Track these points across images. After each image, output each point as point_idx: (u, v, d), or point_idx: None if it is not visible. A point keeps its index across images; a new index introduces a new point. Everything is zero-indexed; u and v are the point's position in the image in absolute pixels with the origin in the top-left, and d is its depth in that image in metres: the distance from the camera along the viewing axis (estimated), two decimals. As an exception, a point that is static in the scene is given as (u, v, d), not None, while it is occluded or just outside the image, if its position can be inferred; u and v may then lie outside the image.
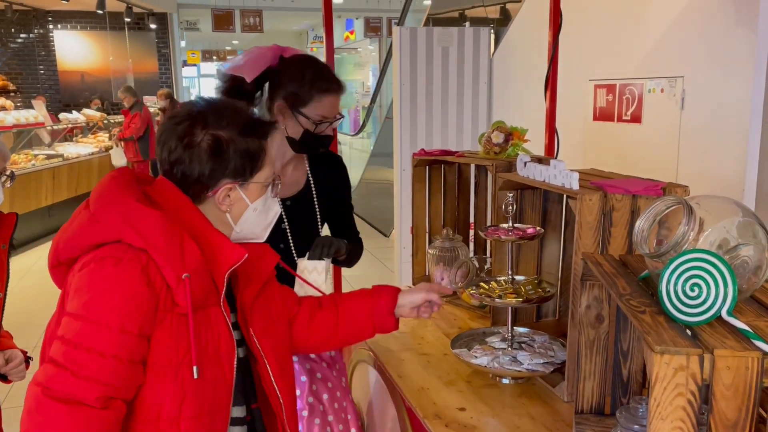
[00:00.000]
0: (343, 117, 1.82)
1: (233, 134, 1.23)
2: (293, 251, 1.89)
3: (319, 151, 1.84)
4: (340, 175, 1.99)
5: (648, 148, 3.55)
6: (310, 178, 1.90)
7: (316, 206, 1.89)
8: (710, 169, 3.13)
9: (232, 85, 1.74)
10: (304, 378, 1.85)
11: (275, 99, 1.75)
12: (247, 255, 1.24)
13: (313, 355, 1.88)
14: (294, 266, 1.86)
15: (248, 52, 1.77)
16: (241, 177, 1.26)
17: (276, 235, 1.83)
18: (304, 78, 1.73)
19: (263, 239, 1.38)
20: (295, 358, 1.81)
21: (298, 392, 1.79)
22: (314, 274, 1.74)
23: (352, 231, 2.06)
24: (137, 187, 1.24)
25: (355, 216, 2.15)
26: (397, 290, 1.57)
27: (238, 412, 1.32)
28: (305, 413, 1.81)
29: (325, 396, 1.86)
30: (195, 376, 1.16)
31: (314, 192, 1.90)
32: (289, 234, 1.87)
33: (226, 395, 1.24)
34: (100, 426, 1.08)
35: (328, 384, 1.90)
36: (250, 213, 1.30)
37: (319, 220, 1.91)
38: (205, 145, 1.22)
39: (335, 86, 1.76)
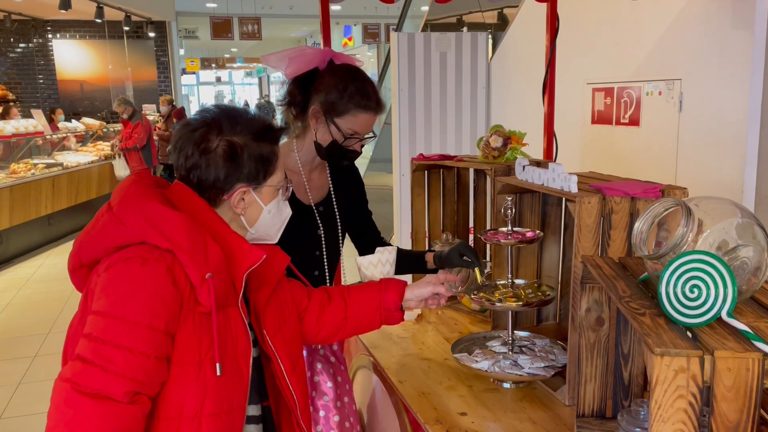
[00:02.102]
0: (375, 136, 1.81)
1: (247, 139, 1.28)
2: (324, 258, 1.88)
3: (342, 163, 1.84)
4: (356, 183, 2.00)
5: (646, 150, 3.55)
6: (331, 185, 1.90)
7: (337, 213, 1.89)
8: (709, 172, 3.13)
9: (291, 89, 1.77)
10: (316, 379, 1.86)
11: (313, 101, 1.74)
12: (265, 256, 1.28)
13: (322, 351, 1.89)
14: (327, 272, 1.88)
15: (294, 50, 1.76)
16: (255, 181, 1.31)
17: (312, 243, 1.84)
18: (347, 90, 1.71)
19: (275, 240, 1.42)
20: (319, 365, 1.84)
21: (313, 393, 1.81)
22: (379, 267, 1.79)
23: (378, 237, 2.06)
24: (158, 190, 1.27)
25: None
26: (404, 284, 1.61)
27: (253, 410, 1.36)
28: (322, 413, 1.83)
29: (335, 390, 1.87)
30: (218, 373, 1.20)
31: (334, 199, 1.90)
32: (323, 240, 1.87)
33: (243, 394, 1.28)
34: (128, 420, 1.10)
35: (337, 378, 1.91)
36: (265, 215, 1.35)
37: (340, 227, 1.90)
38: (220, 151, 1.26)
39: (374, 105, 1.75)
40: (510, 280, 1.89)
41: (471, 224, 2.58)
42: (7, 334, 4.72)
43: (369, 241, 2.03)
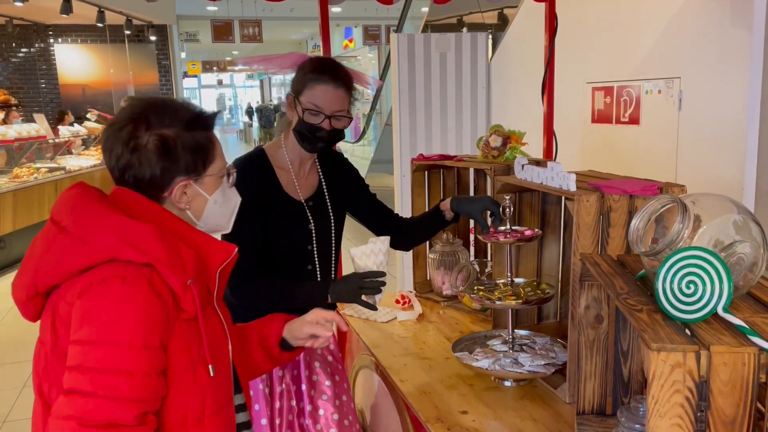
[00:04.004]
0: (350, 117, 1.80)
1: (178, 130, 1.22)
2: (315, 253, 1.88)
3: (317, 147, 1.80)
4: (350, 174, 2.00)
5: (647, 149, 3.55)
6: (322, 179, 1.91)
7: (329, 207, 1.90)
8: (709, 170, 3.13)
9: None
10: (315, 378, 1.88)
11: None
12: (237, 248, 1.25)
13: (319, 350, 1.90)
14: (318, 267, 1.88)
15: (282, 55, 1.82)
16: (194, 172, 1.25)
17: (304, 238, 1.85)
18: (305, 67, 1.76)
19: (229, 229, 1.37)
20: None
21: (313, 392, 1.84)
22: (372, 258, 1.71)
23: (388, 211, 2.06)
24: (110, 200, 1.20)
25: (357, 224, 2.15)
26: (285, 319, 1.51)
27: (238, 399, 1.37)
28: (336, 416, 1.84)
29: (333, 389, 1.89)
30: (212, 374, 1.19)
31: (326, 193, 1.90)
32: (314, 235, 1.87)
33: (230, 387, 1.28)
34: None
35: (335, 377, 1.92)
36: (211, 206, 1.29)
37: (333, 221, 1.90)
38: (152, 146, 1.20)
39: (327, 77, 1.74)
40: (510, 279, 1.90)
41: (471, 224, 2.59)
42: (11, 338, 4.74)
43: (385, 221, 2.04)
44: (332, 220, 1.90)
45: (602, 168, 2.01)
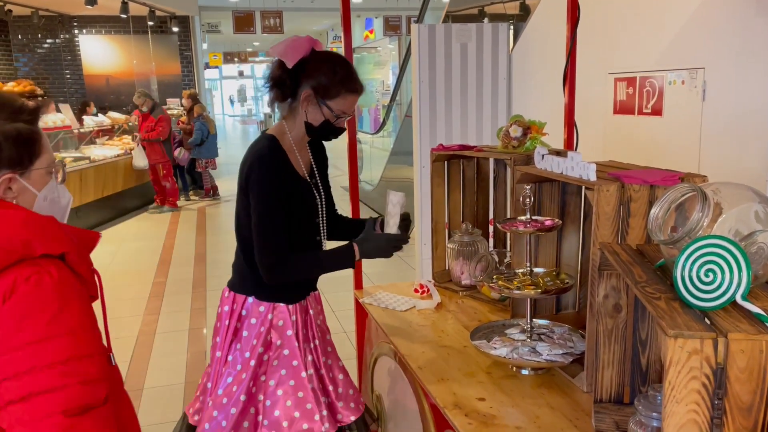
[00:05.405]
0: (352, 115, 2.00)
1: (0, 122, 1.16)
2: (321, 224, 2.02)
3: (329, 139, 2.00)
4: (325, 155, 2.13)
5: (669, 140, 3.52)
6: (312, 160, 2.04)
7: (320, 183, 2.03)
8: (733, 161, 3.10)
9: (278, 74, 1.88)
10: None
11: (303, 86, 1.87)
12: (101, 235, 1.27)
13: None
14: (322, 238, 2.04)
15: (289, 40, 1.90)
16: (20, 166, 1.19)
17: (313, 211, 1.99)
18: (336, 74, 1.87)
19: None
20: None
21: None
22: (400, 207, 1.99)
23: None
24: None
25: (376, 213, 2.21)
26: None
27: None
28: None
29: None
30: (113, 363, 1.25)
31: (316, 171, 2.04)
32: (319, 208, 2.01)
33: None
34: (111, 420, 1.12)
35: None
36: (41, 202, 1.24)
37: (323, 193, 2.05)
38: None
39: (360, 88, 1.94)
40: (529, 269, 1.90)
41: (491, 215, 2.59)
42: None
43: (331, 208, 2.15)
44: (323, 193, 2.04)
45: (624, 159, 2.00)
